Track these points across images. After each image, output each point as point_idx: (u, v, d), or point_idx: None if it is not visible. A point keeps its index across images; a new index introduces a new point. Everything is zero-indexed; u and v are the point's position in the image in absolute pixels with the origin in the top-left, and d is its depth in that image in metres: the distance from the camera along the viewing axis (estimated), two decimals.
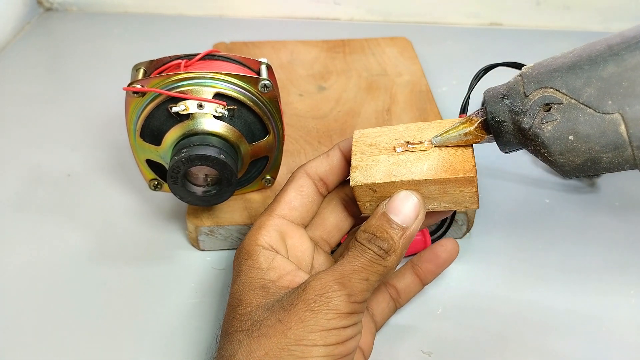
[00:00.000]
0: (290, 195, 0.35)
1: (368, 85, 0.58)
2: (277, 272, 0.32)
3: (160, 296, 0.41)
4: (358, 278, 0.30)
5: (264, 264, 0.32)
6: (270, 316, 0.29)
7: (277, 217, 0.34)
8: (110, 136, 0.55)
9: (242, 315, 0.30)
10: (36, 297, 0.41)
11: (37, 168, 0.51)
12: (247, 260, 0.33)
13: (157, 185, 0.43)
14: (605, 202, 0.49)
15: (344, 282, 0.29)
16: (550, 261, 0.44)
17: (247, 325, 0.30)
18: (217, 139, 0.39)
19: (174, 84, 0.39)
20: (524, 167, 0.52)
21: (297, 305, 0.29)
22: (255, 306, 0.30)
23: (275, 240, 0.34)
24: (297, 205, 0.35)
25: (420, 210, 0.31)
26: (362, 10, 0.76)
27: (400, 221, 0.31)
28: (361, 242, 0.31)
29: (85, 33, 0.73)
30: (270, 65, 0.42)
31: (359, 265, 0.30)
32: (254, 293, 0.31)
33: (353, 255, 0.31)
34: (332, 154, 0.36)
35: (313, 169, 0.36)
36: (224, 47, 0.64)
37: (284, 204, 0.35)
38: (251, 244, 0.33)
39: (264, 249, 0.33)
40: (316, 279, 0.30)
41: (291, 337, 0.28)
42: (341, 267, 0.30)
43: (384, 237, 0.31)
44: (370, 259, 0.30)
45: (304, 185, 0.35)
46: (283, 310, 0.29)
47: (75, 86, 0.63)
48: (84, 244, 0.44)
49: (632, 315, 0.40)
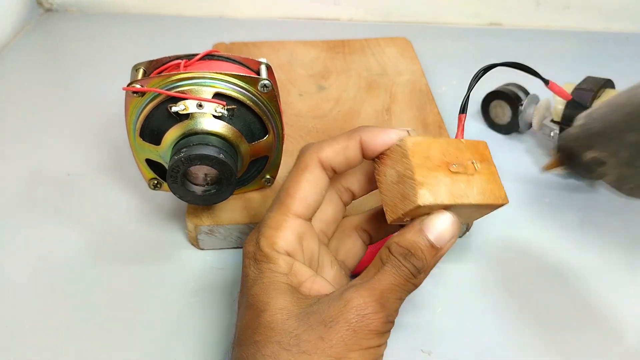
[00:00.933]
0: (305, 190, 0.33)
1: (368, 85, 0.58)
2: (297, 278, 0.31)
3: (159, 295, 0.41)
4: (394, 297, 0.30)
5: (285, 269, 0.31)
6: (309, 331, 0.29)
7: (294, 217, 0.33)
8: (110, 136, 0.55)
9: (273, 323, 0.29)
10: (36, 296, 0.40)
11: (37, 168, 0.51)
12: (267, 263, 0.32)
13: (157, 184, 0.43)
14: (605, 202, 0.49)
15: (383, 303, 0.29)
16: (550, 261, 0.44)
17: (283, 337, 0.29)
18: (216, 138, 0.39)
19: (173, 84, 0.39)
20: (524, 167, 0.52)
21: (339, 323, 0.28)
22: (287, 314, 0.29)
23: (292, 245, 0.33)
24: (312, 201, 0.33)
25: (455, 231, 0.31)
26: (361, 10, 0.77)
27: (435, 240, 0.30)
28: (397, 257, 0.30)
29: (85, 33, 0.73)
30: (269, 65, 0.42)
31: (395, 284, 0.30)
32: (282, 298, 0.30)
33: (390, 271, 0.30)
34: (351, 146, 0.32)
35: (328, 160, 0.33)
36: (223, 47, 0.64)
37: (299, 200, 0.33)
38: (269, 246, 0.32)
39: (281, 255, 0.32)
40: (357, 296, 0.29)
41: (333, 355, 0.28)
42: (380, 284, 0.30)
43: (419, 255, 0.30)
44: (405, 278, 0.30)
45: (319, 178, 0.33)
46: (323, 326, 0.28)
47: (75, 86, 0.63)
48: (84, 243, 0.44)
49: (632, 315, 0.40)
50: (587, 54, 0.70)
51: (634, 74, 0.64)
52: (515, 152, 0.54)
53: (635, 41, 0.73)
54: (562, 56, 0.69)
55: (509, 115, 0.54)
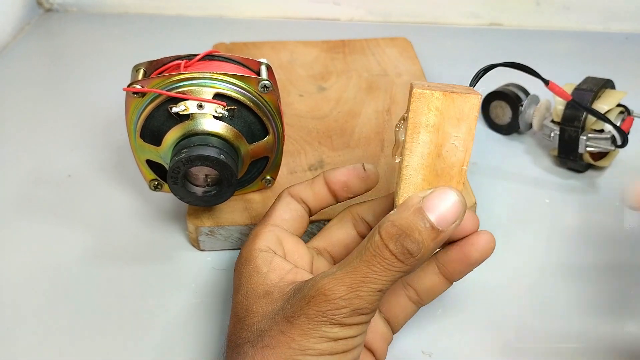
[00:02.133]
0: (279, 209, 0.36)
1: (368, 86, 0.58)
2: (277, 272, 0.32)
3: (160, 297, 0.41)
4: (368, 290, 0.27)
5: (263, 267, 0.32)
6: (274, 326, 0.29)
7: (272, 225, 0.35)
8: (111, 137, 0.55)
9: (249, 326, 0.30)
10: (36, 298, 0.41)
11: (37, 169, 0.51)
12: (246, 266, 0.33)
13: (158, 185, 0.43)
14: (605, 202, 0.49)
15: (350, 298, 0.27)
16: (550, 261, 0.44)
17: (253, 335, 0.29)
18: (217, 139, 0.39)
19: (174, 85, 0.39)
20: (524, 167, 0.52)
21: (300, 318, 0.28)
22: (262, 315, 0.30)
23: (272, 243, 0.34)
24: (288, 217, 0.36)
25: (460, 213, 0.28)
26: (362, 10, 0.77)
27: (436, 221, 0.27)
28: (383, 240, 0.27)
29: (85, 34, 0.73)
30: (270, 65, 0.42)
31: (373, 276, 0.27)
32: (259, 301, 0.31)
33: (367, 260, 0.27)
34: (316, 181, 0.36)
35: (296, 192, 0.36)
36: (224, 47, 0.64)
37: (276, 216, 0.35)
38: (249, 250, 0.33)
39: (262, 252, 0.33)
40: (320, 292, 0.27)
41: (295, 347, 0.28)
42: (350, 276, 0.27)
43: (414, 237, 0.27)
44: (387, 266, 0.27)
45: (291, 202, 0.36)
46: (285, 321, 0.28)
47: (75, 87, 0.63)
48: (84, 244, 0.44)
49: (631, 315, 0.40)
50: (587, 54, 0.70)
51: (634, 74, 0.64)
52: (516, 152, 0.54)
53: (635, 41, 0.73)
54: (562, 56, 0.69)
55: (509, 115, 0.54)
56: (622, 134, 0.46)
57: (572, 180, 0.51)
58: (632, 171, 0.51)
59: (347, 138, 0.51)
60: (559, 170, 0.52)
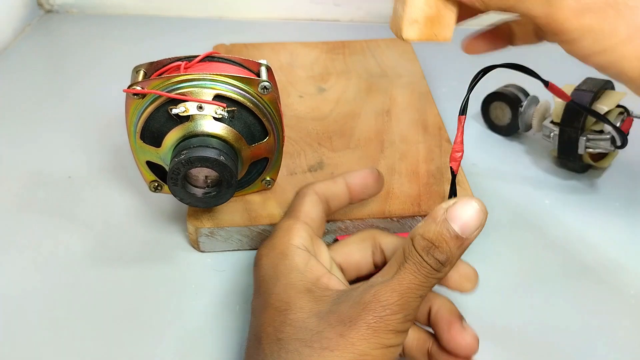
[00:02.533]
0: (307, 206, 0.36)
1: (368, 87, 0.58)
2: (314, 273, 0.32)
3: (160, 298, 0.41)
4: (414, 296, 0.30)
5: (301, 265, 0.32)
6: (329, 329, 0.29)
7: (302, 222, 0.35)
8: (111, 138, 0.55)
9: (295, 322, 0.30)
10: (36, 299, 0.41)
11: (37, 170, 0.51)
12: (283, 260, 0.33)
13: (158, 186, 0.43)
14: (605, 202, 0.49)
15: (402, 304, 0.29)
16: (550, 261, 0.44)
17: (304, 334, 0.29)
18: (217, 140, 0.39)
19: (174, 86, 0.39)
20: (524, 168, 0.52)
21: (358, 323, 0.29)
22: (308, 312, 0.30)
23: (307, 242, 0.34)
24: (314, 216, 0.36)
25: (481, 220, 0.30)
26: (361, 11, 0.77)
27: (460, 230, 0.30)
28: (419, 253, 0.30)
29: (86, 35, 0.73)
30: (270, 66, 0.43)
31: (416, 283, 0.30)
32: (301, 297, 0.31)
33: (411, 269, 0.30)
34: (338, 182, 0.38)
35: (321, 191, 0.38)
36: (223, 48, 0.64)
37: (304, 213, 0.36)
38: (285, 243, 0.33)
39: (298, 249, 0.33)
40: (375, 299, 0.29)
41: (355, 352, 0.29)
42: (399, 284, 0.30)
43: (443, 248, 0.30)
44: (426, 274, 0.30)
45: (316, 201, 0.37)
46: (342, 325, 0.29)
47: (75, 88, 0.63)
48: (85, 245, 0.44)
49: (631, 315, 0.40)
50: None
51: None
52: (515, 153, 0.54)
53: None
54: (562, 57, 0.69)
55: (508, 116, 0.54)
56: (622, 135, 0.46)
57: (571, 181, 0.51)
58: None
59: (347, 139, 0.51)
60: (558, 170, 0.52)
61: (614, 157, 0.51)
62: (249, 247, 0.44)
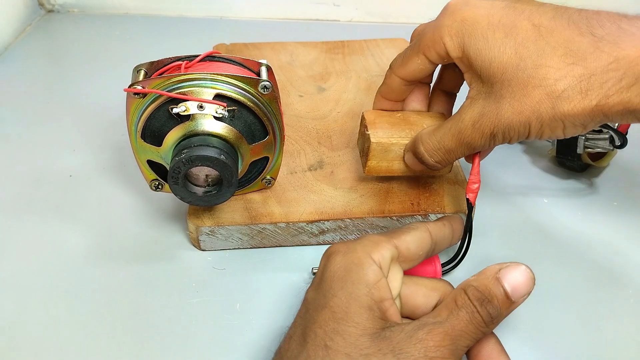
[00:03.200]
0: (410, 237, 0.36)
1: (367, 86, 0.59)
2: (380, 294, 0.32)
3: (160, 296, 0.41)
4: (463, 345, 0.30)
5: (371, 280, 0.32)
6: (379, 355, 0.29)
7: (393, 245, 0.35)
8: (112, 137, 0.55)
9: (348, 335, 0.30)
10: (37, 297, 0.41)
11: (38, 169, 0.52)
12: (357, 268, 0.32)
13: (158, 185, 0.43)
14: (604, 202, 0.49)
15: (453, 349, 0.30)
16: (549, 261, 0.44)
17: (353, 351, 0.29)
18: (217, 139, 0.39)
19: (174, 85, 0.39)
20: (523, 167, 0.52)
21: (407, 357, 0.29)
22: (362, 330, 0.30)
23: (385, 262, 0.33)
24: (412, 250, 0.35)
25: (530, 288, 0.31)
26: (361, 11, 0.77)
27: (510, 291, 0.31)
28: (473, 302, 0.31)
29: (87, 34, 0.74)
30: (270, 66, 0.43)
31: (467, 332, 0.30)
32: (361, 312, 0.31)
33: (464, 317, 0.30)
34: (446, 224, 0.38)
35: (435, 232, 0.37)
36: (224, 48, 0.64)
37: (402, 240, 0.35)
38: (364, 254, 0.33)
39: (374, 264, 0.32)
40: (430, 338, 0.29)
41: None
42: (453, 330, 0.30)
43: (495, 304, 0.31)
44: (477, 325, 0.30)
45: (424, 239, 0.36)
46: (392, 355, 0.29)
47: (76, 87, 0.63)
48: (85, 244, 0.45)
49: (631, 315, 0.40)
50: None
51: None
52: (514, 152, 0.54)
53: None
54: None
55: None
56: (621, 135, 0.46)
57: (570, 181, 0.51)
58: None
59: (347, 138, 0.51)
60: (557, 170, 0.52)
61: (613, 156, 0.51)
62: (249, 246, 0.44)
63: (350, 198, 0.45)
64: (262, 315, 0.40)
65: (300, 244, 0.44)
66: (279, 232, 0.43)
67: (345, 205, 0.44)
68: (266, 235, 0.44)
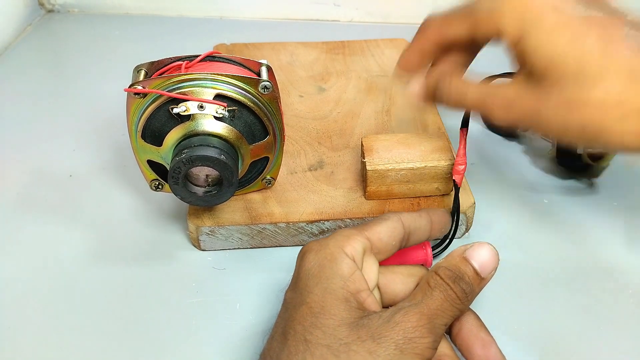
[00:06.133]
0: (381, 227, 0.36)
1: (368, 87, 0.59)
2: (355, 285, 0.32)
3: (161, 296, 0.41)
4: (440, 323, 0.31)
5: (346, 273, 0.32)
6: (358, 342, 0.29)
7: (365, 237, 0.35)
8: (112, 137, 0.55)
9: (326, 327, 0.30)
10: (37, 297, 0.41)
11: (38, 169, 0.52)
12: (330, 263, 0.32)
13: (158, 185, 0.43)
14: (603, 202, 0.49)
15: (431, 328, 0.30)
16: (548, 261, 0.44)
17: (332, 341, 0.30)
18: (217, 139, 0.39)
19: (175, 85, 0.39)
20: (523, 167, 0.52)
21: (387, 342, 0.29)
22: (340, 320, 0.30)
23: (358, 255, 0.34)
24: (385, 240, 0.36)
25: (496, 264, 0.33)
26: (361, 11, 0.77)
27: (479, 269, 0.32)
28: (446, 281, 0.31)
29: (87, 34, 0.74)
30: (270, 66, 0.43)
31: (443, 309, 0.31)
32: (338, 304, 0.31)
33: (439, 296, 0.31)
34: (423, 215, 0.38)
35: (408, 221, 0.37)
36: (224, 48, 0.64)
37: (374, 232, 0.35)
38: (337, 248, 0.33)
39: (347, 258, 0.33)
40: (406, 320, 0.30)
41: None
42: (428, 309, 0.31)
43: (467, 280, 0.32)
44: (452, 302, 0.31)
45: (396, 229, 0.36)
46: (372, 341, 0.29)
47: (76, 87, 0.63)
48: (86, 244, 0.45)
49: (630, 315, 0.40)
50: None
51: None
52: (514, 153, 0.54)
53: None
54: None
55: None
56: None
57: (570, 181, 0.51)
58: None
59: (347, 138, 0.51)
60: (557, 170, 0.52)
61: (613, 156, 0.51)
62: (249, 246, 0.44)
63: (350, 198, 0.45)
64: (262, 315, 0.40)
65: (300, 244, 0.44)
66: (279, 232, 0.43)
67: (345, 206, 0.44)
68: (266, 235, 0.44)
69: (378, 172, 0.43)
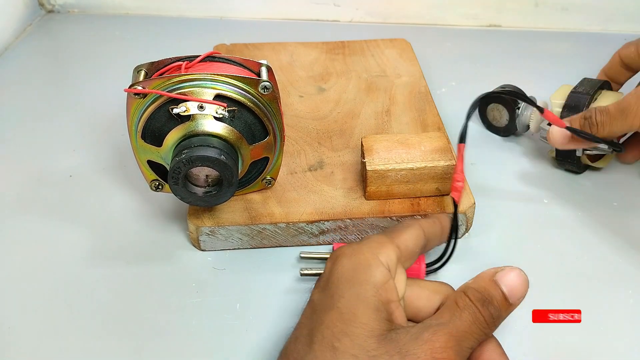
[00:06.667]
0: (408, 235, 0.35)
1: (367, 87, 0.59)
2: (387, 295, 0.32)
3: (161, 296, 0.41)
4: (467, 346, 0.30)
5: (379, 282, 0.32)
6: (386, 356, 0.29)
7: (396, 245, 0.34)
8: (112, 137, 0.55)
9: (355, 336, 0.30)
10: (37, 297, 0.41)
11: (39, 169, 0.52)
12: (365, 269, 0.32)
13: (159, 186, 0.43)
14: (603, 202, 0.49)
15: (458, 350, 0.30)
16: (548, 261, 0.44)
17: (360, 352, 0.29)
18: (217, 140, 0.39)
19: (175, 86, 0.39)
20: (522, 168, 0.53)
21: (414, 359, 0.29)
22: (370, 331, 0.30)
23: (392, 264, 0.33)
24: (411, 249, 0.35)
25: (526, 290, 0.32)
26: (361, 11, 0.77)
27: (508, 293, 0.31)
28: (474, 302, 0.31)
29: (87, 35, 0.74)
30: (270, 66, 0.43)
31: (471, 332, 0.30)
32: (369, 313, 0.31)
33: (467, 318, 0.31)
34: (436, 222, 0.38)
35: (427, 229, 0.37)
36: (224, 48, 0.64)
37: (402, 239, 0.35)
38: (372, 254, 0.33)
39: (382, 266, 0.32)
40: (435, 339, 0.30)
41: None
42: (457, 331, 0.30)
43: (495, 305, 0.31)
44: (480, 326, 0.31)
45: (419, 236, 0.36)
46: (399, 357, 0.29)
47: (76, 88, 0.63)
48: (86, 244, 0.45)
49: (630, 315, 0.40)
50: (585, 54, 0.70)
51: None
52: (513, 154, 0.54)
53: None
54: (561, 57, 0.70)
55: (506, 117, 0.54)
56: (617, 145, 0.46)
57: (570, 181, 0.51)
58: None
59: (347, 139, 0.51)
60: (556, 171, 0.52)
61: (612, 157, 0.51)
62: (249, 246, 0.44)
63: (350, 198, 0.45)
64: (262, 315, 0.40)
65: (300, 244, 0.44)
66: (279, 232, 0.44)
67: (345, 206, 0.44)
68: (266, 235, 0.44)
69: (378, 173, 0.43)
